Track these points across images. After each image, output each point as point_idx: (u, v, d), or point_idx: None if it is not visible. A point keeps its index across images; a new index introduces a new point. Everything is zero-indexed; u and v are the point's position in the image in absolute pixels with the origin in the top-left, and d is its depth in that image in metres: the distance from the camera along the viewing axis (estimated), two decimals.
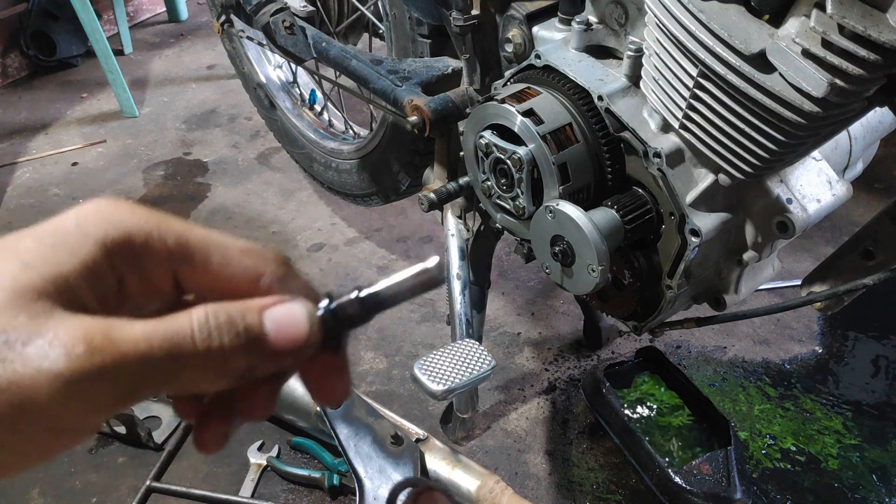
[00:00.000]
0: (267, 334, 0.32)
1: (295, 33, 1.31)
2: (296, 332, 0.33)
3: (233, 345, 0.31)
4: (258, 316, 0.32)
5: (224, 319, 0.31)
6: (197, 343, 0.30)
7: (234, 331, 0.31)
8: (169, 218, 0.33)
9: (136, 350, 0.28)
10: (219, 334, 0.30)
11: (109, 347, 0.28)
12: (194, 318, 0.30)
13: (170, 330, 0.29)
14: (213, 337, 0.30)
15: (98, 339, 0.28)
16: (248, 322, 0.31)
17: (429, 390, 0.96)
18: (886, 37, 0.55)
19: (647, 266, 0.90)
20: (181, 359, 0.29)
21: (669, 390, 1.34)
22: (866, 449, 1.29)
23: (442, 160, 1.25)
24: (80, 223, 0.31)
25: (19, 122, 2.51)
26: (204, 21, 3.29)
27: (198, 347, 0.30)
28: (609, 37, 0.89)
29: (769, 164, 0.73)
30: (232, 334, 0.31)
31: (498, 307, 1.63)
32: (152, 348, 0.29)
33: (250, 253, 0.34)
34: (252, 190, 2.10)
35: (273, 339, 0.32)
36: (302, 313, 0.33)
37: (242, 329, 0.31)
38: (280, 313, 0.33)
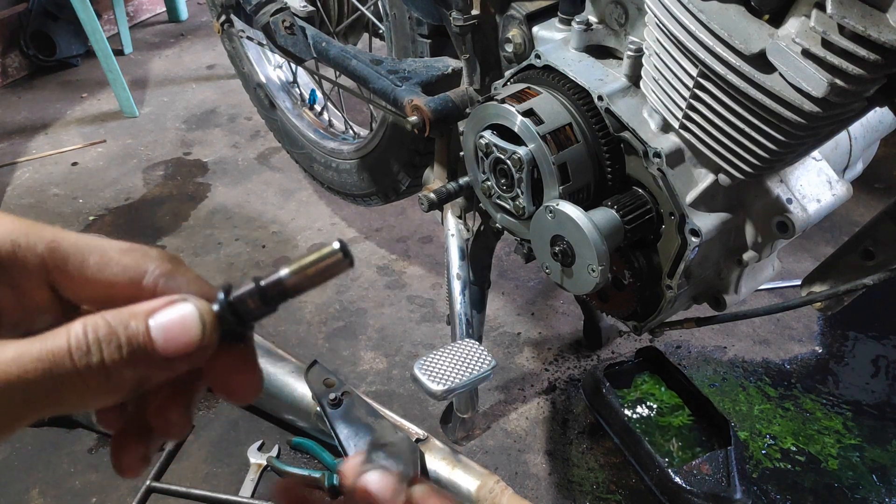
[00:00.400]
0: (154, 342, 0.29)
1: (295, 33, 1.31)
2: (187, 336, 0.30)
3: (114, 358, 0.28)
4: (143, 322, 0.29)
5: (104, 332, 0.28)
6: (76, 361, 0.27)
7: (116, 343, 0.28)
8: (37, 224, 0.30)
9: (6, 375, 0.26)
10: (98, 349, 0.28)
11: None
12: (71, 334, 0.28)
13: (44, 350, 0.27)
14: (93, 352, 0.28)
15: None
16: (131, 332, 0.29)
17: (429, 390, 0.96)
18: (886, 37, 0.55)
19: (647, 266, 0.90)
20: (60, 379, 0.27)
21: (669, 390, 1.34)
22: (866, 449, 1.29)
23: (442, 160, 1.25)
24: None
25: (19, 122, 2.51)
26: (204, 21, 3.29)
27: (77, 366, 0.27)
28: (609, 37, 0.89)
29: (769, 164, 0.73)
30: (113, 347, 0.28)
31: (498, 307, 1.63)
32: (26, 371, 0.26)
33: (130, 252, 0.32)
34: (252, 190, 2.10)
35: (162, 347, 0.29)
36: (192, 314, 0.30)
37: (125, 340, 0.29)
38: (169, 316, 0.30)
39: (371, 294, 1.68)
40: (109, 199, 2.07)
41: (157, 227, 1.95)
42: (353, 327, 1.59)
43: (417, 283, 1.72)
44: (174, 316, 0.30)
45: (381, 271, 1.76)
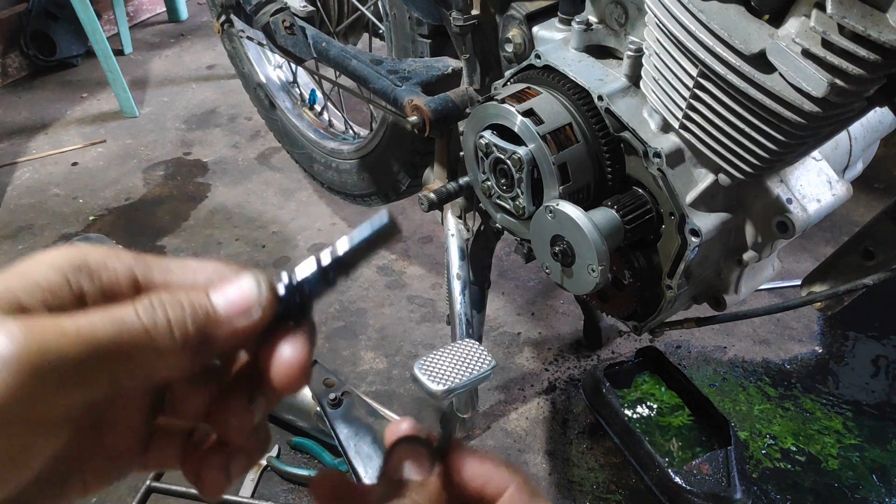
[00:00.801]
0: (216, 305, 0.32)
1: (295, 33, 1.30)
2: (243, 297, 0.32)
3: (179, 315, 0.30)
4: (204, 292, 0.32)
5: (168, 299, 0.31)
6: (143, 319, 0.30)
7: (178, 305, 0.31)
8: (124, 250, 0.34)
9: (78, 330, 0.28)
10: (163, 310, 0.30)
11: (51, 329, 0.27)
12: (138, 303, 0.30)
13: (113, 312, 0.29)
14: (157, 312, 0.30)
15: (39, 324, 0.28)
16: (194, 297, 0.31)
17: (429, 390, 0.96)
18: (886, 37, 0.55)
19: (647, 266, 0.90)
20: (129, 338, 0.29)
21: (669, 390, 1.34)
22: (866, 449, 1.29)
23: (442, 160, 1.25)
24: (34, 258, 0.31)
25: (19, 122, 2.51)
26: (204, 21, 3.29)
27: (144, 324, 0.29)
28: (609, 37, 0.89)
29: (769, 164, 0.73)
30: (176, 308, 0.31)
31: (498, 307, 1.63)
32: (95, 328, 0.28)
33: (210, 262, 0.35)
34: (252, 190, 2.10)
35: (222, 307, 0.32)
36: (249, 280, 0.33)
37: (188, 304, 0.31)
38: (227, 287, 0.33)
39: (371, 294, 1.69)
40: (109, 199, 2.07)
41: (157, 227, 1.95)
42: (353, 327, 1.59)
43: (417, 283, 1.72)
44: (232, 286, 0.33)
45: (381, 271, 1.76)
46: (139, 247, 1.85)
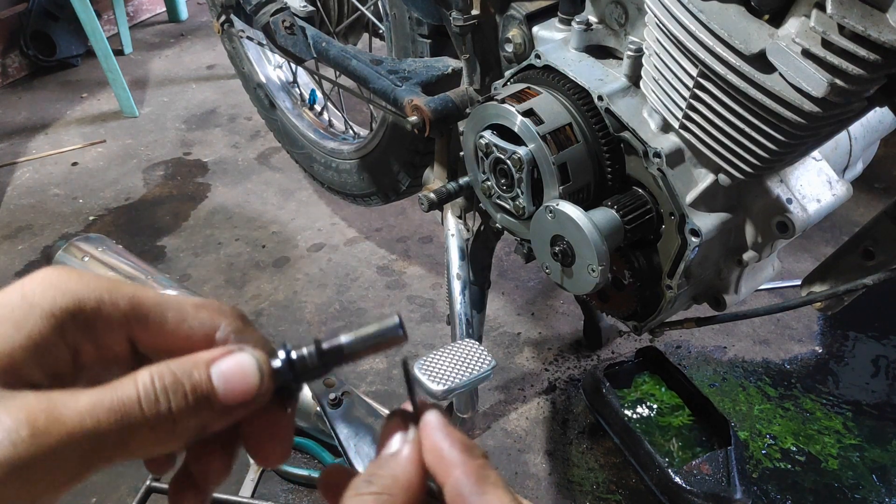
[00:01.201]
0: (216, 390, 0.31)
1: (295, 33, 1.30)
2: (246, 385, 0.32)
3: (180, 407, 0.30)
4: (206, 371, 0.31)
5: (170, 381, 0.30)
6: (145, 410, 0.29)
7: (181, 392, 0.30)
8: (119, 282, 0.32)
9: (82, 426, 0.27)
10: (165, 398, 0.29)
11: (55, 428, 0.27)
12: (139, 384, 0.29)
13: (116, 399, 0.28)
14: (161, 402, 0.29)
15: (42, 420, 0.27)
16: (195, 380, 0.31)
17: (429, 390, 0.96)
18: (886, 37, 0.55)
19: (647, 266, 0.90)
20: (130, 428, 0.29)
21: (669, 390, 1.34)
22: (866, 449, 1.29)
23: (442, 160, 1.25)
24: (25, 294, 0.30)
25: (19, 122, 2.51)
26: (204, 21, 3.29)
27: (146, 415, 0.29)
28: (609, 37, 0.89)
29: (769, 164, 0.73)
30: (179, 396, 0.30)
31: (498, 307, 1.63)
32: (99, 422, 0.28)
33: (205, 307, 0.34)
34: (252, 190, 2.10)
35: (222, 396, 0.31)
36: (251, 364, 0.32)
37: (190, 389, 0.30)
38: (228, 365, 0.32)
39: (371, 294, 1.68)
40: (109, 199, 2.07)
41: (157, 227, 1.95)
42: (353, 327, 1.59)
43: (417, 283, 1.72)
44: (233, 364, 0.32)
45: (381, 271, 1.76)
46: (139, 247, 1.85)
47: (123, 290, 0.32)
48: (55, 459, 0.27)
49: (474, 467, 0.32)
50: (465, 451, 0.33)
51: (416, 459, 0.33)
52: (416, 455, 0.33)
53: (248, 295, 1.69)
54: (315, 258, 1.81)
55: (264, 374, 0.32)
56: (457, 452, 0.33)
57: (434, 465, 0.33)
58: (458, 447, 0.33)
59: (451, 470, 0.32)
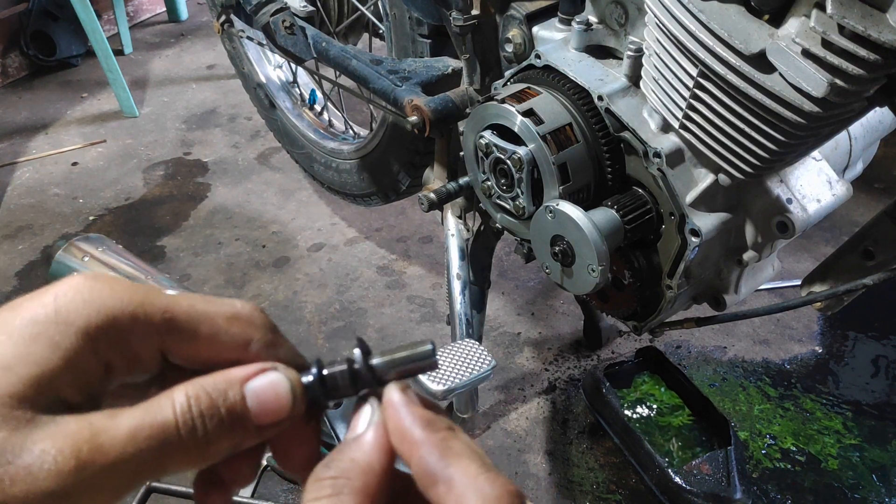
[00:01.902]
0: (250, 410, 0.31)
1: (295, 33, 1.30)
2: (278, 405, 0.32)
3: (216, 430, 0.30)
4: (240, 390, 0.31)
5: (206, 405, 0.30)
6: (182, 435, 0.30)
7: (218, 416, 0.30)
8: (152, 291, 0.32)
9: (124, 454, 0.28)
10: (202, 423, 0.30)
11: (99, 458, 0.28)
12: (177, 406, 0.30)
13: (155, 425, 0.29)
14: (198, 426, 0.30)
15: (86, 450, 0.27)
16: (230, 402, 0.31)
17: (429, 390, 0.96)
18: (886, 37, 0.55)
19: (647, 266, 0.90)
20: (168, 451, 0.29)
21: (669, 390, 1.34)
22: (866, 449, 1.29)
23: (442, 160, 1.25)
24: (59, 310, 0.29)
25: (19, 122, 2.51)
26: (204, 21, 3.29)
27: (183, 439, 0.30)
28: (609, 37, 0.89)
29: (769, 164, 0.73)
30: (215, 421, 0.30)
31: (498, 307, 1.63)
32: (140, 449, 0.29)
33: (238, 320, 0.34)
34: (252, 190, 2.10)
35: (255, 416, 0.32)
36: (284, 384, 0.32)
37: (225, 412, 0.31)
38: (262, 385, 0.32)
39: (371, 294, 1.69)
40: (109, 199, 2.07)
41: (157, 227, 1.95)
42: (353, 327, 1.59)
43: (417, 283, 1.72)
44: (266, 384, 0.32)
45: (381, 271, 1.76)
46: (139, 247, 1.85)
47: (157, 303, 0.32)
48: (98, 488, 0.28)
49: (436, 441, 0.31)
50: (426, 427, 0.31)
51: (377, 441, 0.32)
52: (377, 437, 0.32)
53: (248, 295, 1.69)
54: (315, 258, 1.81)
55: (297, 394, 0.33)
56: (418, 429, 0.31)
57: (399, 445, 0.32)
58: (419, 423, 0.32)
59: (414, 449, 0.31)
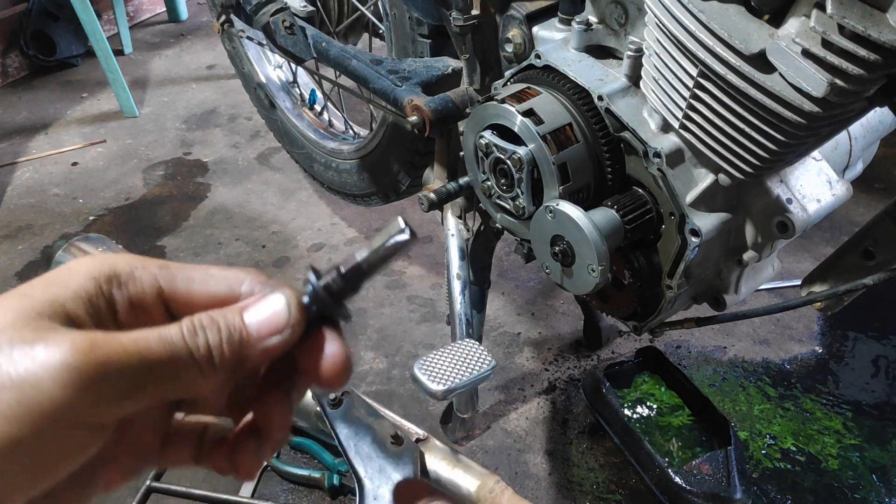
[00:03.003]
0: (248, 326, 0.35)
1: (295, 33, 1.30)
2: (276, 318, 0.35)
3: (217, 340, 0.34)
4: (238, 314, 0.35)
5: (207, 321, 0.34)
6: (188, 342, 0.33)
7: (216, 327, 0.34)
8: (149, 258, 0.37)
9: (135, 346, 0.31)
10: (203, 334, 0.34)
11: (111, 343, 0.31)
12: (183, 324, 0.34)
13: (163, 334, 0.33)
14: (199, 336, 0.33)
15: (101, 338, 0.31)
16: (229, 319, 0.35)
17: (429, 390, 0.96)
18: (886, 37, 0.55)
19: (647, 266, 0.90)
20: (175, 358, 0.32)
21: (669, 390, 1.34)
22: (866, 449, 1.29)
23: (442, 160, 1.25)
24: (69, 267, 0.34)
25: (19, 122, 2.51)
26: (204, 21, 3.29)
27: (189, 346, 0.33)
28: (609, 37, 0.89)
29: (769, 164, 0.73)
30: (214, 330, 0.34)
31: (498, 307, 1.63)
32: (149, 347, 0.32)
33: (228, 269, 0.37)
34: (252, 190, 2.10)
35: (255, 330, 0.35)
36: (279, 300, 0.36)
37: (223, 325, 0.34)
38: (258, 306, 0.35)
39: (371, 294, 1.69)
40: (109, 199, 2.07)
41: (157, 227, 1.95)
42: (353, 327, 1.59)
43: (417, 283, 1.72)
44: (263, 305, 0.36)
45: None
46: (139, 247, 1.85)
47: (154, 261, 0.36)
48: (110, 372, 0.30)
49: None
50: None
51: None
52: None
53: None
54: (315, 258, 1.81)
55: (292, 307, 0.35)
56: None
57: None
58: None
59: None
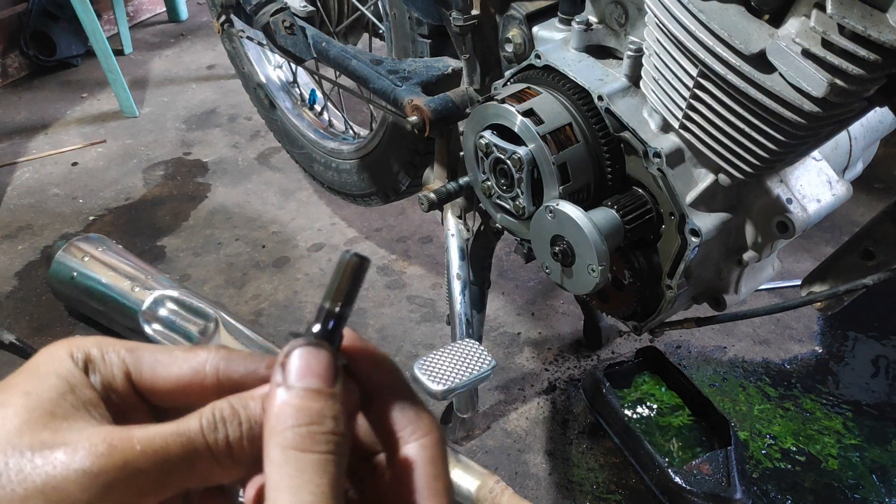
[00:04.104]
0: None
1: (295, 33, 1.30)
2: None
3: (237, 435, 0.32)
4: (260, 404, 0.33)
5: (228, 412, 0.33)
6: (207, 437, 0.32)
7: (237, 421, 0.32)
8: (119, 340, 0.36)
9: (153, 446, 0.31)
10: (224, 427, 0.32)
11: (129, 445, 0.30)
12: (203, 416, 0.32)
13: (182, 427, 0.32)
14: (219, 430, 0.32)
15: (118, 438, 0.30)
16: (251, 412, 0.33)
17: (429, 390, 0.96)
18: (886, 37, 0.55)
19: (647, 266, 0.90)
20: (195, 453, 0.31)
21: (669, 390, 1.34)
22: (866, 449, 1.29)
23: (442, 160, 1.25)
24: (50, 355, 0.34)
25: (19, 122, 2.51)
26: (204, 21, 3.29)
27: (208, 442, 0.32)
28: (609, 37, 0.89)
29: (769, 164, 0.73)
30: (235, 425, 0.32)
31: (498, 307, 1.63)
32: (168, 444, 0.31)
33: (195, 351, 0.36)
34: (252, 190, 2.10)
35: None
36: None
37: (245, 418, 0.33)
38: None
39: (371, 294, 1.69)
40: (109, 199, 2.07)
41: (157, 227, 1.95)
42: (354, 327, 1.58)
43: (417, 283, 1.72)
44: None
45: (381, 271, 1.76)
46: (139, 247, 1.85)
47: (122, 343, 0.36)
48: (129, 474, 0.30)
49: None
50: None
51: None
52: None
53: (247, 295, 1.69)
54: (315, 258, 1.81)
55: None
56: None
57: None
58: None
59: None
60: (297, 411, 0.31)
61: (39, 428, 0.30)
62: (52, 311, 1.65)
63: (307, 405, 0.31)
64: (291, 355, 0.33)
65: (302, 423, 0.31)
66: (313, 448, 0.30)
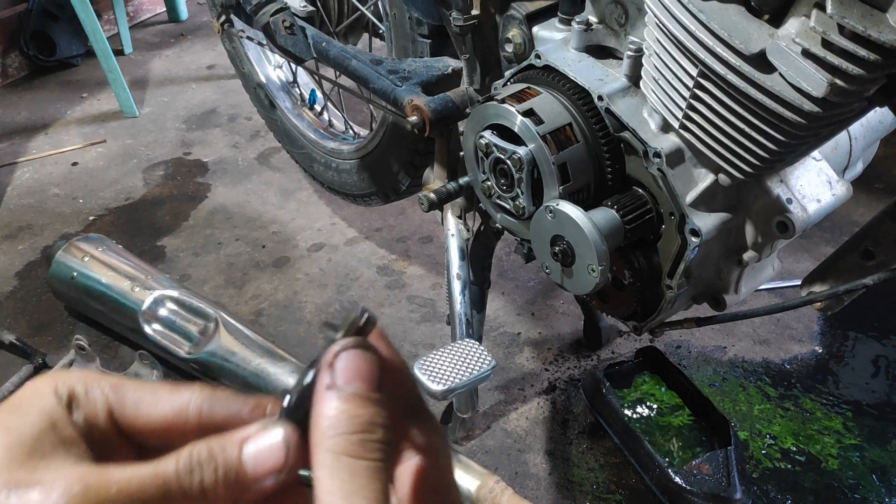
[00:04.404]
0: (245, 465, 0.33)
1: (295, 33, 1.30)
2: (273, 461, 0.33)
3: (212, 480, 0.32)
4: (238, 448, 0.33)
5: (205, 456, 0.32)
6: (181, 480, 0.31)
7: (213, 466, 0.32)
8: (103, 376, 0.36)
9: (129, 489, 0.30)
10: (199, 471, 0.32)
11: (104, 487, 0.30)
12: (180, 458, 0.32)
13: (158, 468, 0.31)
14: (195, 473, 0.32)
15: (94, 479, 0.30)
16: (228, 456, 0.33)
17: (429, 390, 0.96)
18: (886, 37, 0.55)
19: (647, 266, 0.90)
20: (168, 496, 0.31)
21: (669, 390, 1.34)
22: (866, 449, 1.29)
23: (442, 160, 1.25)
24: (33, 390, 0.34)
25: (19, 122, 2.51)
26: (204, 21, 3.29)
27: (182, 485, 0.31)
28: (609, 37, 0.89)
29: (769, 164, 0.73)
30: (211, 470, 0.32)
31: (498, 307, 1.63)
32: (144, 486, 0.31)
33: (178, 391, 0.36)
34: (252, 190, 2.10)
35: (251, 471, 0.33)
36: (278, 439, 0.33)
37: (221, 463, 0.32)
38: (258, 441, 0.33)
39: (371, 294, 1.69)
40: (109, 199, 2.07)
41: (157, 227, 1.95)
42: None
43: (417, 283, 1.72)
44: (264, 443, 0.33)
45: (381, 271, 1.76)
46: (139, 247, 1.85)
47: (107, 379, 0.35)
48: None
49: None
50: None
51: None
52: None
53: (247, 295, 1.69)
54: (315, 258, 1.81)
55: (290, 448, 0.33)
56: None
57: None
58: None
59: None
60: (350, 418, 0.31)
61: (16, 466, 0.30)
62: (52, 311, 1.65)
63: (359, 412, 0.32)
64: (340, 357, 0.33)
65: (355, 430, 0.31)
66: (365, 455, 0.31)
